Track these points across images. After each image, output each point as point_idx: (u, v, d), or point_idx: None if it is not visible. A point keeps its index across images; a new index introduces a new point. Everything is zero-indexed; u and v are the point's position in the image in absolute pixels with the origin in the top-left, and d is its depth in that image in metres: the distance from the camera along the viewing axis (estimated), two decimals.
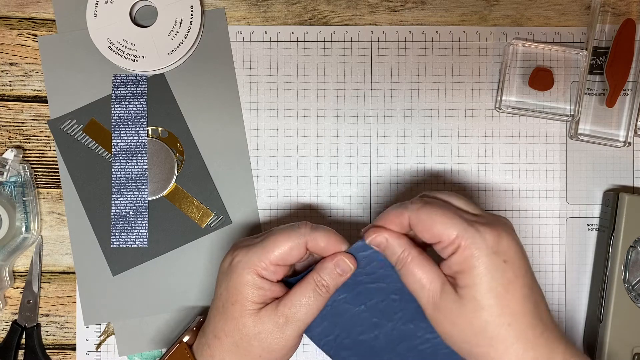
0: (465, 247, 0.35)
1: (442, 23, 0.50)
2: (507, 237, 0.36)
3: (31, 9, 0.50)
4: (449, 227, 0.36)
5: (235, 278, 0.39)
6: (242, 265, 0.39)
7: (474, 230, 0.36)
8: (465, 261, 0.35)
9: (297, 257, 0.40)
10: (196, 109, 0.50)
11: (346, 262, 0.39)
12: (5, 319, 0.50)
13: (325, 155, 0.50)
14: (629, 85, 0.49)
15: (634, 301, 0.47)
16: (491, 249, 0.35)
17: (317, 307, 0.39)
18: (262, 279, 0.39)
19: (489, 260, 0.35)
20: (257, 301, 0.39)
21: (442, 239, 0.36)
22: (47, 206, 0.50)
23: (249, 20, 0.50)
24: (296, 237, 0.39)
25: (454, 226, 0.36)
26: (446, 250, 0.36)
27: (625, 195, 0.47)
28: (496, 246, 0.35)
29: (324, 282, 0.39)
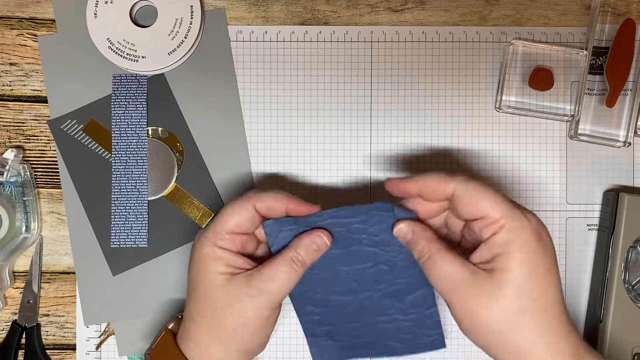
0: (511, 228, 0.35)
1: (442, 23, 0.50)
2: (544, 227, 0.36)
3: (31, 9, 0.50)
4: (497, 205, 0.35)
5: (196, 256, 0.40)
6: (200, 243, 0.40)
7: (520, 212, 0.36)
8: (509, 242, 0.35)
9: (249, 220, 0.39)
10: (196, 109, 0.50)
11: (322, 239, 0.39)
12: (5, 319, 0.50)
13: (325, 155, 0.50)
14: (629, 85, 0.49)
15: (634, 301, 0.47)
16: (536, 233, 0.35)
17: (291, 281, 0.39)
18: (221, 250, 0.39)
19: (533, 244, 0.35)
20: (222, 271, 0.39)
21: (488, 215, 0.35)
22: (47, 206, 0.50)
23: (249, 20, 0.50)
24: (242, 201, 0.40)
25: (502, 205, 0.35)
26: (488, 229, 0.36)
27: (625, 195, 0.47)
28: (540, 231, 0.36)
29: (299, 257, 0.39)
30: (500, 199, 0.36)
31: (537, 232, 0.35)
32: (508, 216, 0.35)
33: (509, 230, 0.35)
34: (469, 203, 0.36)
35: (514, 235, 0.35)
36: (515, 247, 0.35)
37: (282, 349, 0.50)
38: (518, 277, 0.34)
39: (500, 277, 0.35)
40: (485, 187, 0.36)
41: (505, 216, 0.35)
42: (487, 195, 0.36)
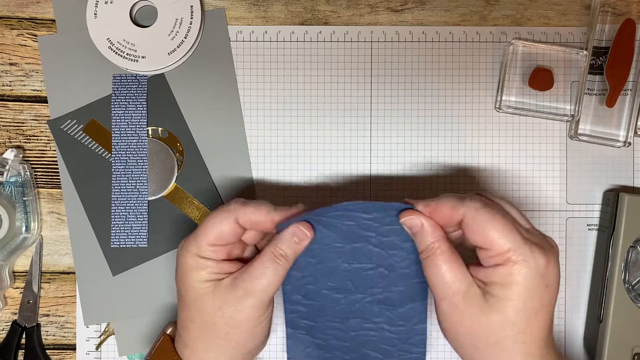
0: (515, 263, 0.35)
1: (442, 23, 0.50)
2: (554, 263, 0.36)
3: (31, 9, 0.50)
4: (505, 238, 0.35)
5: (181, 266, 0.40)
6: (182, 252, 0.40)
7: (527, 248, 0.35)
8: (510, 276, 0.35)
9: (231, 233, 0.39)
10: (196, 109, 0.50)
11: (302, 230, 0.39)
12: (5, 319, 0.50)
13: (325, 155, 0.50)
14: (629, 85, 0.49)
15: (634, 301, 0.47)
16: (540, 271, 0.35)
17: (277, 277, 0.38)
18: (204, 259, 0.39)
19: (534, 282, 0.35)
20: (207, 279, 0.39)
21: (494, 247, 0.35)
22: (47, 206, 0.50)
23: (249, 20, 0.50)
24: (225, 214, 0.39)
25: (510, 238, 0.35)
26: (492, 259, 0.36)
27: (625, 195, 0.47)
28: (544, 270, 0.35)
29: (281, 252, 0.38)
30: (510, 230, 0.35)
31: (541, 272, 0.35)
32: (514, 252, 0.35)
33: (513, 264, 0.35)
34: (476, 232, 0.36)
35: (515, 270, 0.35)
36: (515, 281, 0.35)
37: (282, 349, 0.50)
38: (509, 309, 0.35)
39: (492, 303, 0.35)
40: (496, 215, 0.36)
41: (511, 250, 0.35)
42: (496, 226, 0.35)
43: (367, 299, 0.40)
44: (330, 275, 0.40)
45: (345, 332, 0.41)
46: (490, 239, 0.35)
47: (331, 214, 0.39)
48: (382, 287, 0.40)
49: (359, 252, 0.39)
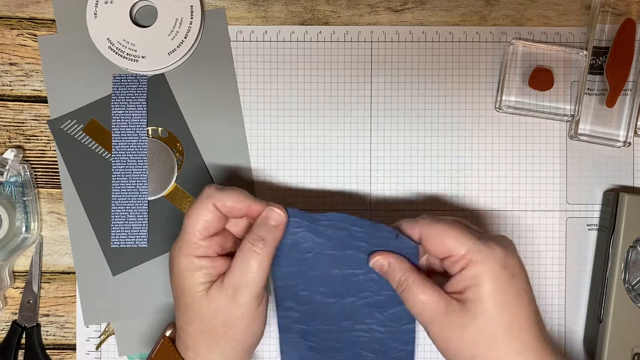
0: (477, 262, 0.36)
1: (442, 23, 0.50)
2: (512, 253, 0.38)
3: (31, 9, 0.50)
4: (461, 242, 0.37)
5: (175, 268, 0.40)
6: (175, 254, 0.39)
7: (484, 244, 0.37)
8: (477, 275, 0.36)
9: (215, 219, 0.39)
10: (196, 109, 0.50)
11: (275, 211, 0.39)
12: (5, 319, 0.50)
13: (325, 155, 0.50)
14: (629, 85, 0.49)
15: (634, 301, 0.47)
16: (501, 263, 0.36)
17: (260, 269, 0.38)
18: (199, 258, 0.39)
19: (499, 274, 0.36)
20: (202, 281, 0.39)
21: (454, 252, 0.37)
22: (47, 206, 0.50)
23: (249, 20, 0.50)
24: (203, 201, 0.39)
25: (465, 241, 0.37)
26: (456, 265, 0.37)
27: (625, 195, 0.47)
28: (505, 260, 0.37)
29: (258, 239, 0.38)
30: (464, 234, 0.37)
31: (503, 262, 0.37)
32: (473, 250, 0.37)
33: (475, 263, 0.36)
34: (435, 243, 0.38)
35: (480, 268, 0.36)
36: (483, 278, 0.36)
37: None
38: (488, 306, 0.36)
39: (471, 307, 0.36)
40: (449, 225, 0.38)
41: (470, 251, 0.37)
42: (451, 233, 0.37)
43: (358, 302, 0.41)
44: (322, 281, 0.41)
45: (338, 334, 0.42)
46: (448, 246, 0.37)
47: (323, 221, 0.40)
48: (373, 291, 0.41)
49: (351, 258, 0.40)
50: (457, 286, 0.37)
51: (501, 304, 0.36)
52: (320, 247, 0.40)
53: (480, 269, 0.36)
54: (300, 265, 0.41)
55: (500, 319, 0.36)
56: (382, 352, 0.42)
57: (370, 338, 0.42)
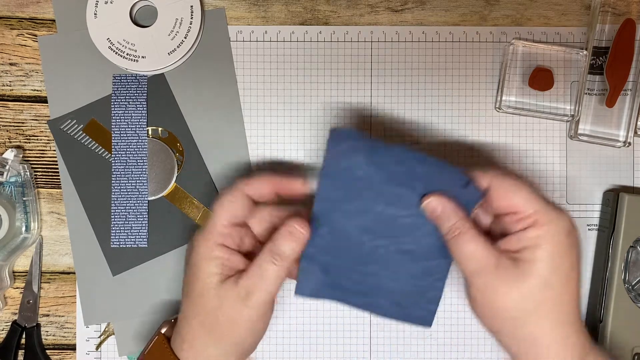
0: (543, 224, 0.36)
1: (442, 23, 0.50)
2: (575, 227, 0.37)
3: (31, 9, 0.50)
4: (531, 201, 0.36)
5: (192, 257, 0.40)
6: (197, 242, 0.40)
7: (552, 209, 0.37)
8: (539, 237, 0.36)
9: (242, 208, 0.40)
10: (196, 109, 0.50)
11: (297, 228, 0.39)
12: (5, 319, 0.50)
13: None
14: (629, 85, 0.49)
15: (634, 301, 0.47)
16: (565, 230, 0.36)
17: (276, 279, 0.38)
18: (218, 248, 0.39)
19: (562, 240, 0.36)
20: (216, 272, 0.39)
21: (521, 210, 0.36)
22: (47, 206, 0.50)
23: (249, 20, 0.50)
24: (232, 191, 0.40)
25: (536, 201, 0.36)
26: (519, 224, 0.37)
27: (625, 195, 0.47)
28: (569, 229, 0.37)
29: (278, 251, 0.38)
30: (534, 194, 0.37)
31: (568, 230, 0.36)
32: (541, 212, 0.36)
33: (541, 225, 0.36)
34: (503, 197, 0.37)
35: (544, 231, 0.36)
36: (545, 241, 0.36)
37: (280, 349, 0.50)
38: (544, 269, 0.35)
39: (525, 268, 0.36)
40: (521, 182, 0.37)
41: (538, 212, 0.36)
42: (523, 190, 0.37)
43: (392, 247, 0.39)
44: (363, 215, 0.39)
45: (362, 276, 0.40)
46: (516, 202, 0.37)
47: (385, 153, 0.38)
48: (412, 238, 0.39)
49: (400, 198, 0.38)
50: (514, 244, 0.36)
51: (556, 270, 0.36)
52: (373, 178, 0.38)
53: (544, 231, 0.36)
54: (346, 192, 0.39)
55: (553, 285, 0.36)
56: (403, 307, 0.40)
57: (395, 288, 0.40)
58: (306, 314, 0.49)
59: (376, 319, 0.49)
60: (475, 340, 0.49)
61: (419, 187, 0.38)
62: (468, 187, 0.38)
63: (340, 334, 0.49)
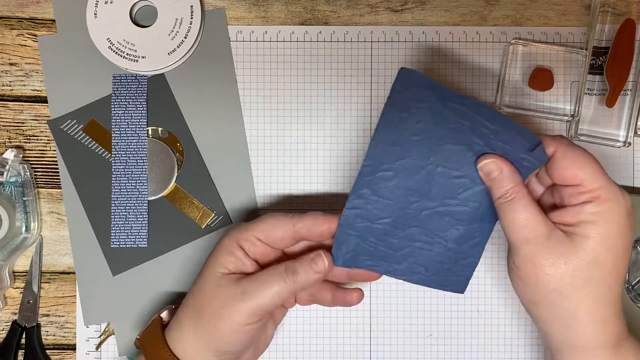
0: (606, 200, 0.35)
1: (442, 23, 0.50)
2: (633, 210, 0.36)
3: (31, 9, 0.50)
4: (596, 175, 0.35)
5: (218, 245, 0.41)
6: (227, 235, 0.41)
7: (616, 187, 0.35)
8: (600, 214, 0.35)
9: (282, 236, 0.40)
10: (196, 109, 0.50)
11: (323, 260, 0.38)
12: (5, 319, 0.50)
13: (325, 155, 0.50)
14: (629, 85, 0.49)
15: (634, 301, 0.47)
16: (627, 211, 0.35)
17: (277, 294, 0.38)
18: (239, 248, 0.40)
19: (621, 220, 0.35)
20: (225, 266, 0.40)
21: (586, 183, 0.35)
22: (47, 206, 0.50)
23: (249, 20, 0.50)
24: (285, 218, 0.40)
25: (601, 175, 0.35)
26: (581, 197, 0.35)
27: None
28: (630, 210, 0.36)
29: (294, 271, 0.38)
30: (600, 170, 0.36)
31: (628, 212, 0.35)
32: (606, 187, 0.35)
33: (603, 201, 0.35)
34: (567, 167, 0.36)
35: (606, 208, 0.35)
36: (604, 219, 0.35)
37: (280, 349, 0.50)
38: (597, 247, 0.35)
39: (578, 242, 0.35)
40: (586, 155, 0.36)
41: (602, 187, 0.35)
42: (588, 164, 0.36)
43: (440, 209, 0.38)
44: (414, 172, 0.37)
45: (400, 241, 0.39)
46: (582, 174, 0.35)
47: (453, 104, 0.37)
48: (461, 199, 0.37)
49: (455, 155, 0.37)
50: (571, 217, 0.35)
51: (610, 250, 0.35)
52: (432, 133, 0.36)
53: (606, 208, 0.35)
54: (400, 146, 0.37)
55: (603, 264, 0.35)
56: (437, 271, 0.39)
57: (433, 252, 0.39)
58: (306, 313, 0.49)
59: (376, 320, 0.49)
60: (475, 340, 0.49)
61: (478, 145, 0.36)
62: (536, 149, 0.36)
63: (340, 334, 0.49)
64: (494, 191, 0.36)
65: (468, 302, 0.49)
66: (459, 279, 0.40)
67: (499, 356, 0.49)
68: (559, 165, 0.36)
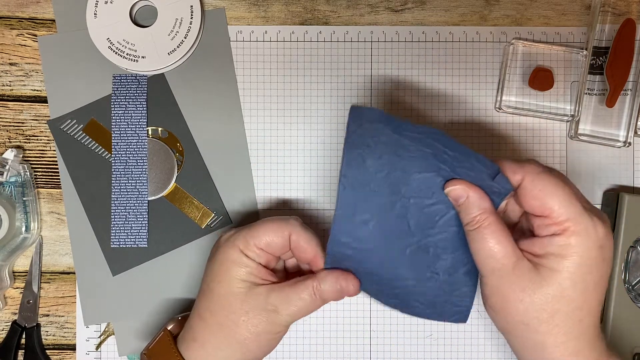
0: (574, 233, 0.33)
1: (442, 23, 0.50)
2: (610, 234, 0.34)
3: (31, 9, 0.50)
4: (565, 206, 0.33)
5: (220, 256, 0.40)
6: (227, 243, 0.40)
7: (588, 217, 0.33)
8: (568, 247, 0.33)
9: (280, 246, 0.40)
10: (196, 109, 0.50)
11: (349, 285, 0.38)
12: (5, 319, 0.50)
13: (325, 156, 0.50)
14: (629, 85, 0.49)
15: (634, 301, 0.47)
16: (599, 242, 0.33)
17: (308, 310, 0.39)
18: (247, 258, 0.39)
19: (592, 254, 0.33)
20: (243, 279, 0.39)
21: (552, 215, 0.34)
22: (47, 206, 0.50)
23: (249, 20, 0.50)
24: (283, 226, 0.39)
25: (571, 207, 0.33)
26: (549, 229, 0.34)
27: (625, 195, 0.47)
28: (603, 241, 0.34)
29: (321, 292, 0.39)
30: (571, 198, 0.34)
31: (601, 243, 0.34)
32: (575, 220, 0.33)
33: (571, 234, 0.33)
34: (535, 198, 0.34)
35: (574, 241, 0.33)
36: (573, 252, 0.33)
37: (280, 349, 0.50)
38: (565, 281, 0.33)
39: (545, 275, 0.33)
40: (557, 181, 0.34)
41: (571, 220, 0.33)
42: (557, 192, 0.34)
43: (422, 242, 0.37)
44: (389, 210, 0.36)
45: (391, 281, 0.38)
46: (550, 205, 0.33)
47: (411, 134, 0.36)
48: (440, 226, 0.36)
49: (424, 183, 0.36)
50: (539, 249, 0.34)
51: (579, 284, 0.33)
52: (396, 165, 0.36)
53: (574, 242, 0.33)
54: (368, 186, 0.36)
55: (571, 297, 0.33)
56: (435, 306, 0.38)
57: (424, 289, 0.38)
58: None
59: (376, 319, 0.49)
60: (475, 340, 0.49)
61: (445, 170, 0.36)
62: (497, 178, 0.35)
63: (340, 334, 0.49)
64: (462, 217, 0.36)
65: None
66: (460, 310, 0.39)
67: (499, 356, 0.49)
68: (527, 194, 0.35)
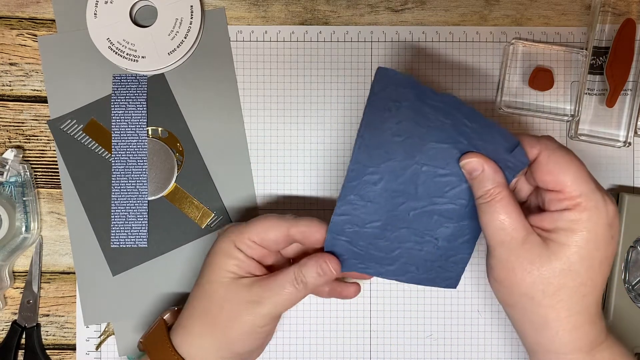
0: (586, 208, 0.34)
1: (442, 23, 0.50)
2: (618, 217, 0.35)
3: (31, 9, 0.50)
4: (579, 181, 0.34)
5: (214, 247, 0.41)
6: (222, 237, 0.41)
7: (600, 195, 0.34)
8: (579, 222, 0.34)
9: (274, 240, 0.40)
10: (196, 109, 0.50)
11: (327, 265, 0.39)
12: (5, 319, 0.50)
13: (325, 156, 0.50)
14: (629, 85, 0.49)
15: (634, 301, 0.47)
16: (609, 220, 0.34)
17: (290, 300, 0.39)
18: (237, 250, 0.40)
19: (601, 230, 0.34)
20: (230, 270, 0.39)
21: (567, 190, 0.34)
22: (47, 206, 0.50)
23: (249, 20, 0.50)
24: (280, 222, 0.40)
25: (584, 182, 0.34)
26: (561, 203, 0.35)
27: (625, 195, 0.47)
28: (613, 219, 0.34)
29: (302, 279, 0.39)
30: (584, 175, 0.34)
31: (609, 222, 0.34)
32: (587, 196, 0.34)
33: (583, 210, 0.34)
34: (550, 172, 0.35)
35: (585, 216, 0.34)
36: (583, 228, 0.34)
37: (280, 349, 0.50)
38: (573, 256, 0.34)
39: (554, 249, 0.34)
40: (572, 158, 0.35)
41: (583, 195, 0.34)
42: (571, 168, 0.34)
43: (428, 208, 0.38)
44: (400, 174, 0.37)
45: (391, 243, 0.39)
46: (563, 181, 0.34)
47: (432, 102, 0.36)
48: (448, 197, 0.37)
49: (440, 153, 0.36)
50: (548, 223, 0.35)
51: (586, 259, 0.34)
52: (414, 132, 0.36)
53: (585, 217, 0.34)
54: (384, 148, 0.36)
55: (577, 272, 0.34)
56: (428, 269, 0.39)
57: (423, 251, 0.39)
58: (306, 313, 0.49)
59: (376, 320, 0.49)
60: (475, 340, 0.49)
61: (462, 143, 0.36)
62: (515, 151, 0.36)
63: (340, 334, 0.49)
64: (475, 190, 0.36)
65: (468, 302, 0.49)
66: (451, 275, 0.40)
67: (499, 356, 0.49)
68: (542, 169, 0.35)
